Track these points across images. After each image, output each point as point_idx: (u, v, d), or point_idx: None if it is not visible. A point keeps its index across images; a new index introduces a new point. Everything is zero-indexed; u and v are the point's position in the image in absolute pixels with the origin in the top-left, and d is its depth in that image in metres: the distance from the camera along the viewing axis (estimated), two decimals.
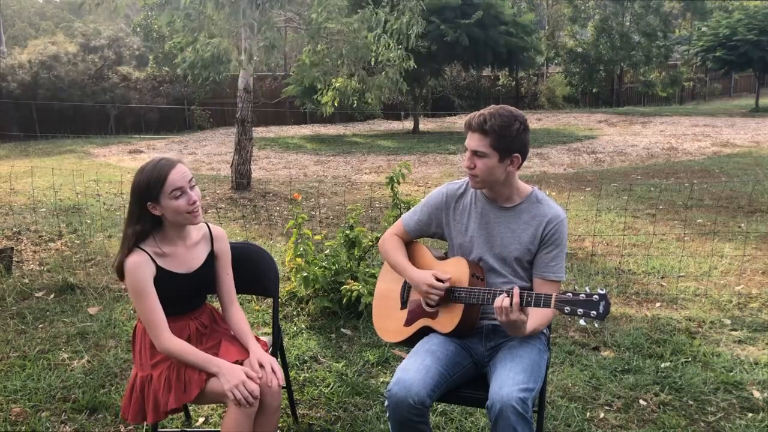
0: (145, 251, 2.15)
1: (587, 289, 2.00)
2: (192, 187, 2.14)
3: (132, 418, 2.15)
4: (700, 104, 25.50)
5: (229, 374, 2.05)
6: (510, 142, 2.15)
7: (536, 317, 2.15)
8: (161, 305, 2.14)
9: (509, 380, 2.01)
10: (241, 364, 2.17)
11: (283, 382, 2.17)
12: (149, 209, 2.12)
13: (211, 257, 2.32)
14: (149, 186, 2.09)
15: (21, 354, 3.51)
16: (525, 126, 2.19)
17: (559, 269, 2.24)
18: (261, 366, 2.15)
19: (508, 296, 2.02)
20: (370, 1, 8.67)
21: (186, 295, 2.26)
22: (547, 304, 2.01)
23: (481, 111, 2.18)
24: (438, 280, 2.23)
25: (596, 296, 1.94)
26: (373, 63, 8.10)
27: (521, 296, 2.04)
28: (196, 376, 2.10)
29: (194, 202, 2.13)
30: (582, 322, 1.96)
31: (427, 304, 2.31)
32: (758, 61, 19.25)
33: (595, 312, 1.93)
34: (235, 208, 7.65)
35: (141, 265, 2.11)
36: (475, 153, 2.18)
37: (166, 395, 2.11)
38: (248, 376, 2.08)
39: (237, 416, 2.05)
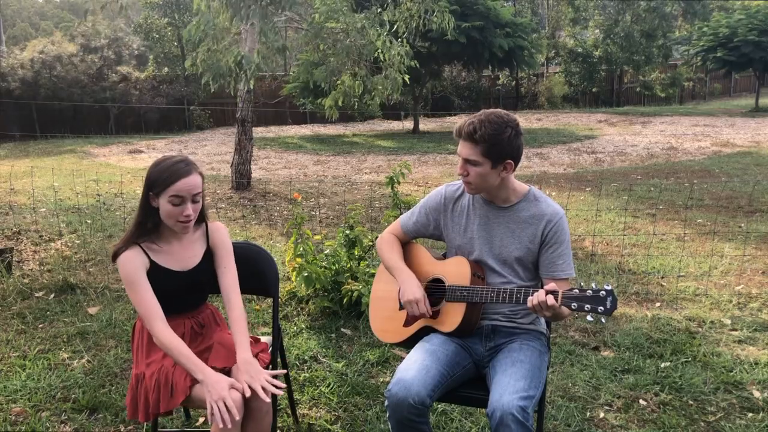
0: (137, 244, 2.16)
1: (594, 284, 1.99)
2: (195, 201, 2.14)
3: (130, 415, 2.16)
4: (700, 104, 25.49)
5: (212, 386, 1.98)
6: (502, 148, 2.12)
7: None
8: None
9: (510, 387, 2.01)
10: (229, 371, 2.13)
11: (280, 392, 2.08)
12: (150, 199, 2.15)
13: (208, 254, 2.30)
14: (157, 181, 2.12)
15: (21, 354, 3.51)
16: (517, 131, 2.14)
17: (567, 266, 2.22)
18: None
19: (553, 295, 2.00)
20: (374, 1, 8.68)
21: (181, 294, 2.24)
22: None
23: (471, 119, 2.14)
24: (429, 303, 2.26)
25: (603, 292, 1.95)
26: (380, 59, 8.05)
27: (525, 294, 2.07)
28: (181, 382, 2.07)
29: (188, 216, 2.13)
30: (589, 318, 1.96)
31: (429, 304, 2.31)
32: (759, 62, 19.25)
33: (602, 308, 1.94)
34: (235, 208, 7.65)
35: (132, 258, 2.13)
36: (467, 161, 2.16)
37: (155, 398, 2.10)
38: (235, 387, 2.01)
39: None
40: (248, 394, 2.01)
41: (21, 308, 4.18)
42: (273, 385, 2.04)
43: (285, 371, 2.68)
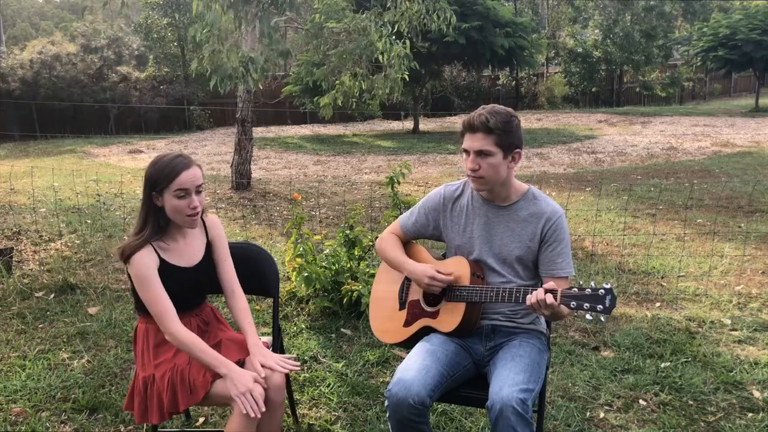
0: (149, 243, 2.17)
1: (593, 283, 1.99)
2: (198, 192, 2.16)
3: (139, 419, 2.16)
4: (700, 104, 25.50)
5: (237, 380, 2.04)
6: (512, 137, 2.18)
7: None
8: None
9: (509, 380, 2.01)
10: (243, 363, 2.17)
11: (297, 367, 2.20)
12: (153, 199, 2.15)
13: (209, 248, 2.34)
14: (158, 179, 2.12)
15: (21, 354, 3.51)
16: (519, 121, 2.23)
17: (567, 265, 2.23)
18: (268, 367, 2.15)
19: (552, 294, 2.01)
20: (374, 2, 8.66)
21: (187, 290, 2.26)
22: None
23: (478, 112, 2.18)
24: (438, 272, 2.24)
25: (602, 290, 1.95)
26: (380, 59, 8.04)
27: (525, 293, 2.07)
28: (201, 378, 2.09)
29: (195, 207, 2.15)
30: (588, 316, 1.96)
31: (428, 304, 2.32)
32: (759, 61, 19.25)
33: (601, 306, 1.94)
34: (235, 208, 7.65)
35: (144, 256, 2.14)
36: (480, 153, 2.17)
37: (170, 397, 2.11)
38: (257, 380, 2.07)
39: (241, 418, 2.05)
40: (263, 374, 2.09)
41: (21, 308, 4.19)
42: (286, 366, 2.15)
43: (294, 356, 2.74)
